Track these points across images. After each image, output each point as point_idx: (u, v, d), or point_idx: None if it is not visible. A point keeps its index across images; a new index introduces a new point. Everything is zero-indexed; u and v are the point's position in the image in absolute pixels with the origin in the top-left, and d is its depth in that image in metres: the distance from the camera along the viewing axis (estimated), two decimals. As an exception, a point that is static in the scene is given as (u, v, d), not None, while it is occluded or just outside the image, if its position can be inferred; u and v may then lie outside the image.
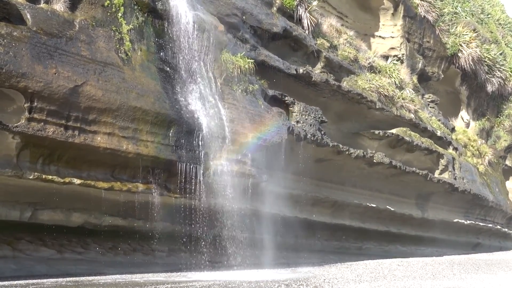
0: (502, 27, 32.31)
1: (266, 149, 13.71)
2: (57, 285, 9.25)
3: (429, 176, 20.50)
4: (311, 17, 16.56)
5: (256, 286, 8.80)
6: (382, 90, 18.67)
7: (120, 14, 11.28)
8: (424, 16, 22.73)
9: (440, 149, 21.53)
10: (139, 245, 13.23)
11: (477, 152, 25.94)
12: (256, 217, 14.05)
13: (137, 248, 13.20)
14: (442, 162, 21.58)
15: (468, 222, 24.48)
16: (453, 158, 22.24)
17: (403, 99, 19.91)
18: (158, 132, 11.41)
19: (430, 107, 23.08)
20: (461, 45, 24.47)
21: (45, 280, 10.08)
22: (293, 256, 16.26)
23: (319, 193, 16.98)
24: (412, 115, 20.13)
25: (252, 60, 13.86)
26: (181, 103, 11.80)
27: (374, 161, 18.08)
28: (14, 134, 9.55)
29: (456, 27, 24.84)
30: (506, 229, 28.84)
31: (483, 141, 27.19)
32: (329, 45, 17.38)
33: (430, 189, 21.39)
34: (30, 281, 9.76)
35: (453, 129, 24.37)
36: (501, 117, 28.94)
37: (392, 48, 22.10)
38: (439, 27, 23.82)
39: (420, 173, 20.07)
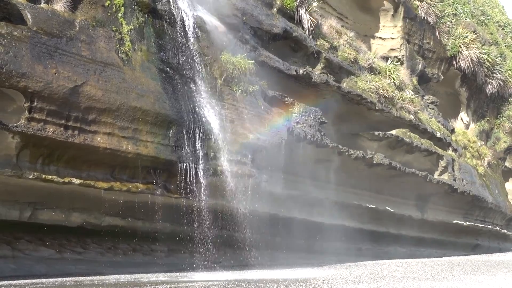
0: (502, 29, 32.31)
1: (266, 149, 13.72)
2: (56, 285, 9.24)
3: (428, 177, 20.51)
4: (311, 18, 16.57)
5: (255, 286, 8.81)
6: (382, 91, 18.69)
7: (120, 14, 11.29)
8: (424, 18, 22.76)
9: (440, 151, 21.53)
10: (138, 245, 13.24)
11: (477, 153, 25.94)
12: (255, 218, 14.04)
13: (137, 248, 13.20)
14: (442, 163, 21.58)
15: (468, 223, 24.47)
16: (453, 160, 22.24)
17: (403, 100, 19.92)
18: (158, 132, 11.42)
19: (430, 108, 23.08)
20: (461, 47, 24.48)
21: (44, 280, 10.07)
22: (292, 257, 16.24)
23: (318, 194, 16.98)
24: (412, 116, 20.14)
25: (252, 61, 13.87)
26: (181, 103, 11.81)
27: (374, 162, 18.09)
28: (14, 133, 9.56)
29: (456, 29, 24.83)
30: (506, 231, 28.81)
31: (483, 143, 27.18)
32: (329, 46, 17.39)
33: (429, 190, 21.39)
34: (30, 281, 9.75)
35: (452, 131, 24.37)
36: (501, 119, 28.93)
37: (392, 49, 22.12)
38: (439, 29, 23.83)
39: (419, 174, 20.08)
